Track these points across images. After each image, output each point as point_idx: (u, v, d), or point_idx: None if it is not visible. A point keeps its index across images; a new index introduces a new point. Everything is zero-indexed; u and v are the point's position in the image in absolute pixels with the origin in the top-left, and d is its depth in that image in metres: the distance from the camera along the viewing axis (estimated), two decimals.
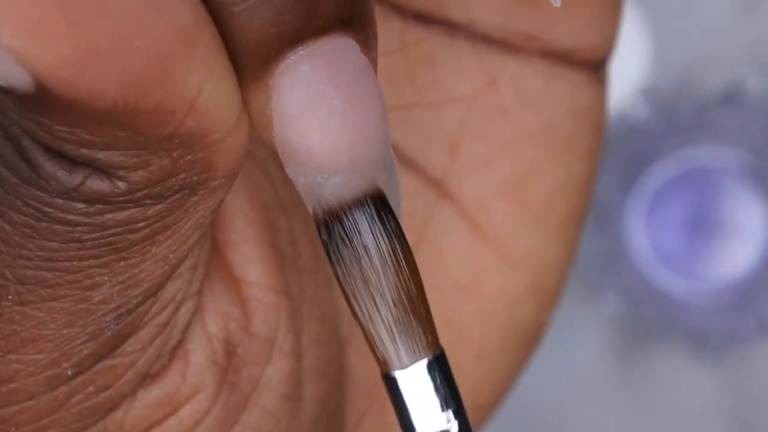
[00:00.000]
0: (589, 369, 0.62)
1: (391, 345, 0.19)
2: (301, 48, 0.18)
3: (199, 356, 0.21)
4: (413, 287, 0.19)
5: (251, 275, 0.22)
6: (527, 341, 0.25)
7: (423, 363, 0.19)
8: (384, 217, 0.19)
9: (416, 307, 0.19)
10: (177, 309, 0.20)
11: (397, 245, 0.19)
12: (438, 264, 0.24)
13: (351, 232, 0.19)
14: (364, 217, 0.19)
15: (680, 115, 0.61)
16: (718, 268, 0.62)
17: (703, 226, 0.62)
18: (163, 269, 0.19)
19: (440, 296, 0.24)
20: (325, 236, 0.19)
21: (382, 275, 0.19)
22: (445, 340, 0.24)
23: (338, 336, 0.24)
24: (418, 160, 0.24)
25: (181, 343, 0.21)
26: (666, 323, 0.61)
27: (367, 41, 0.18)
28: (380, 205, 0.19)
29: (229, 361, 0.21)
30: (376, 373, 0.20)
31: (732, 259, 0.62)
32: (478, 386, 0.25)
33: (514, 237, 0.24)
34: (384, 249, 0.19)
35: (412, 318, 0.19)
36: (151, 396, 0.20)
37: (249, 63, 0.18)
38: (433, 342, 0.19)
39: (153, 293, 0.20)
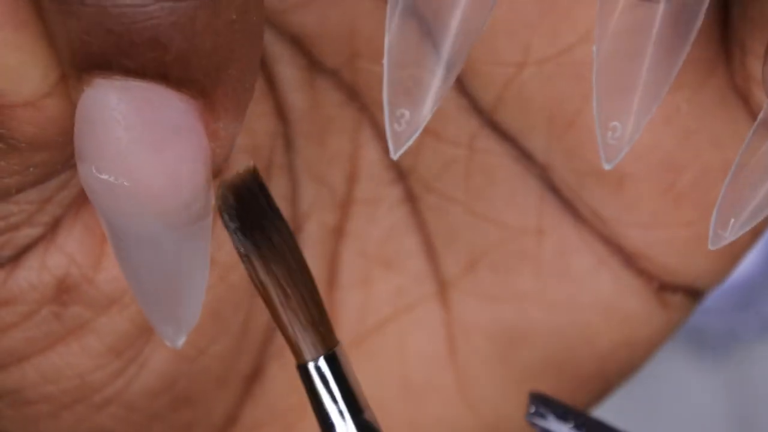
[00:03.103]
0: None
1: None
2: (117, 78, 0.18)
3: (24, 276, 0.22)
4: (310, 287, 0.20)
5: None
6: None
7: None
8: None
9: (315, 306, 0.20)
10: (13, 230, 0.21)
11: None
12: None
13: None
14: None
15: None
16: None
17: None
18: None
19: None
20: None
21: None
22: None
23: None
24: (439, 254, 0.24)
25: (12, 260, 0.21)
26: None
27: (213, 110, 0.18)
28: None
29: (56, 295, 0.22)
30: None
31: None
32: None
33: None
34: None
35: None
36: None
37: (66, 59, 0.18)
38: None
39: None
